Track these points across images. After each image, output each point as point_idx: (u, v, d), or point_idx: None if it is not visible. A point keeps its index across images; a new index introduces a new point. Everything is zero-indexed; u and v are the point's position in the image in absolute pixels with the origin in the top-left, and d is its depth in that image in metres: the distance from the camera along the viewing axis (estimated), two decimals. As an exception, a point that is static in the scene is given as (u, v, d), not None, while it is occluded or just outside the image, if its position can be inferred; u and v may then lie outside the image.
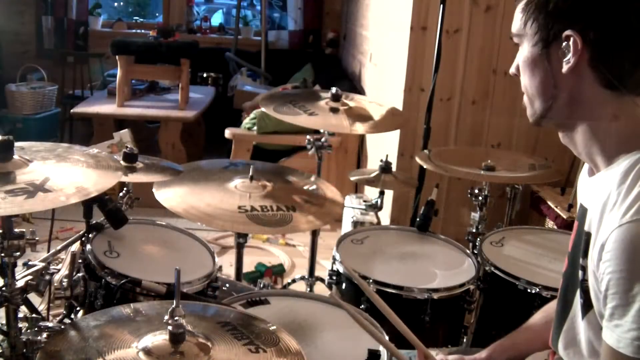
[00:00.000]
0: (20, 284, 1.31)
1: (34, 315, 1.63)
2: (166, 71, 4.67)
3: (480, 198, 2.18)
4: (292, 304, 1.56)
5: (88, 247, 1.65)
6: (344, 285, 1.87)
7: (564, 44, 0.97)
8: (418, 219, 2.13)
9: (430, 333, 1.79)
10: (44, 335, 1.31)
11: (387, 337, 1.32)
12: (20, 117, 4.99)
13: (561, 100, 1.02)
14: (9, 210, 1.17)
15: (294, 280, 2.74)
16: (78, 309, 1.71)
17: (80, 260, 1.66)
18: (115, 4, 7.07)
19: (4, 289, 1.29)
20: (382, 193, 2.28)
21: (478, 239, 2.08)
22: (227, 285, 1.90)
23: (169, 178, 1.84)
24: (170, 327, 1.03)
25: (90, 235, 1.71)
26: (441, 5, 2.62)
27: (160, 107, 4.55)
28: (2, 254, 1.29)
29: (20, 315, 1.37)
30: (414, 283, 1.77)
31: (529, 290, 1.78)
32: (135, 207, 1.96)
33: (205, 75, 5.42)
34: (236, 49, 5.74)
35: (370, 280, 1.75)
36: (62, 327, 1.22)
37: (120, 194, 1.94)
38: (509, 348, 1.35)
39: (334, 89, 2.27)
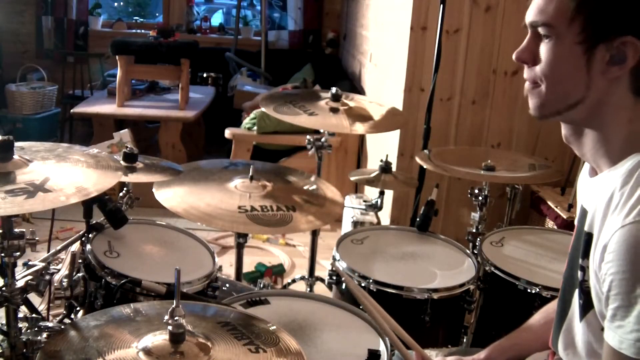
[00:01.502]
0: (20, 284, 1.31)
1: (34, 315, 1.63)
2: (166, 71, 4.67)
3: (480, 198, 2.18)
4: (292, 304, 1.56)
5: (88, 247, 1.65)
6: (343, 285, 1.87)
7: (616, 48, 0.94)
8: (418, 219, 2.13)
9: (430, 333, 1.79)
10: (44, 335, 1.31)
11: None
12: (20, 117, 4.99)
13: (588, 102, 0.99)
14: (9, 210, 1.17)
15: (294, 280, 2.74)
16: (78, 309, 1.71)
17: (80, 260, 1.66)
18: (115, 4, 7.07)
19: (4, 289, 1.29)
20: (382, 193, 2.28)
21: (478, 239, 2.08)
22: (227, 285, 1.90)
23: (169, 178, 1.84)
24: (170, 327, 1.03)
25: (90, 235, 1.71)
26: (441, 5, 2.62)
27: (160, 107, 4.54)
28: (2, 254, 1.29)
29: (20, 315, 1.37)
30: (414, 283, 1.77)
31: (529, 290, 1.78)
32: (135, 207, 1.96)
33: (205, 75, 5.42)
34: (236, 49, 5.74)
35: (370, 280, 1.75)
36: (62, 327, 1.22)
37: (120, 194, 1.94)
38: (508, 348, 1.35)
39: (334, 89, 2.27)
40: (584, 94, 0.98)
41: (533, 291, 1.76)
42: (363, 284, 1.76)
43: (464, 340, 2.00)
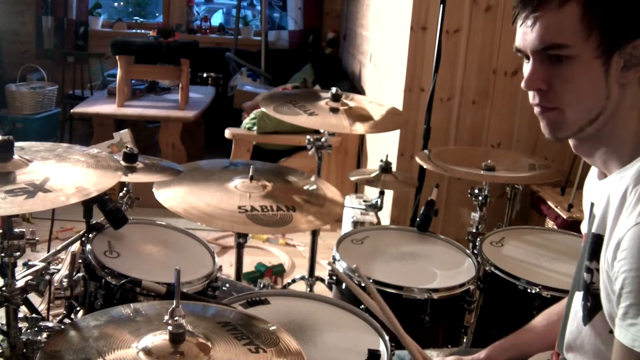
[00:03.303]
0: (20, 284, 1.31)
1: (34, 315, 1.63)
2: (166, 71, 4.67)
3: (480, 198, 2.18)
4: (292, 304, 1.56)
5: (88, 247, 1.65)
6: (344, 285, 1.87)
7: (628, 53, 0.94)
8: (418, 219, 2.13)
9: (430, 333, 1.79)
10: (44, 335, 1.31)
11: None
12: (20, 117, 4.99)
13: (608, 111, 0.98)
14: (9, 210, 1.17)
15: (294, 280, 2.74)
16: (78, 309, 1.71)
17: (80, 260, 1.66)
18: (115, 4, 7.07)
19: (4, 289, 1.29)
20: (382, 193, 2.28)
21: (478, 239, 2.08)
22: (227, 285, 1.90)
23: (169, 178, 1.84)
24: (170, 327, 1.03)
25: (90, 235, 1.71)
26: (441, 5, 2.62)
27: (160, 107, 4.55)
28: (2, 254, 1.29)
29: (20, 315, 1.37)
30: (414, 283, 1.77)
31: (529, 290, 1.78)
32: (135, 207, 1.96)
33: (205, 75, 5.42)
34: (236, 49, 5.74)
35: (370, 280, 1.75)
36: (62, 327, 1.22)
37: (120, 194, 1.95)
38: (509, 348, 1.35)
39: (334, 89, 2.27)
40: (604, 104, 0.98)
41: (533, 291, 1.76)
42: (363, 284, 1.75)
43: (464, 340, 2.00)
